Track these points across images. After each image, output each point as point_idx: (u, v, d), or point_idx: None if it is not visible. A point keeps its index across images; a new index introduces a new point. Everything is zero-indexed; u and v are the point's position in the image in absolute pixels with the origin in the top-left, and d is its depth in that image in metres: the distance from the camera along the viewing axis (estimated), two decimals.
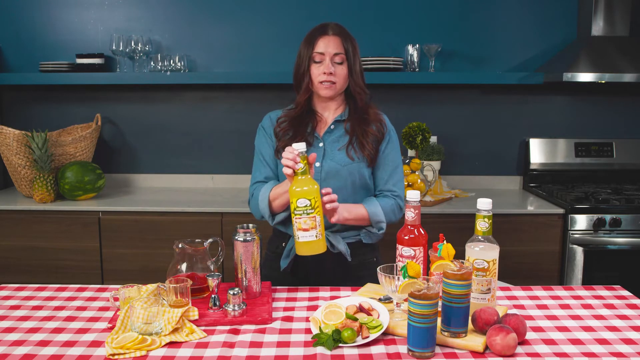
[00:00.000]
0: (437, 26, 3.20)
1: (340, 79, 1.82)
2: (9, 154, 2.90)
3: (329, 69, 1.80)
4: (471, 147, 3.31)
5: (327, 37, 1.82)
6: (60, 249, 2.80)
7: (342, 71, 1.82)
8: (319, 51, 1.81)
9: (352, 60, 1.83)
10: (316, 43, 1.82)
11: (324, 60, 1.81)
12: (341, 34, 1.83)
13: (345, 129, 1.88)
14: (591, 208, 2.74)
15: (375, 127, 1.87)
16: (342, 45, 1.82)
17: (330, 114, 1.91)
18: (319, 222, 1.58)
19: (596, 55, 2.93)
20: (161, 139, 3.33)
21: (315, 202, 1.57)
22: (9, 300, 1.67)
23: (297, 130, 1.86)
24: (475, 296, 1.46)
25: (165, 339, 1.39)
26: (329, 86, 1.82)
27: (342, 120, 1.89)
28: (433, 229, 1.67)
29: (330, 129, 1.89)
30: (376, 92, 3.24)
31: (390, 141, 1.91)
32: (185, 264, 1.66)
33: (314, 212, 1.56)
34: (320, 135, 1.88)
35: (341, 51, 1.81)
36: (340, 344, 1.36)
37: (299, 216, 1.57)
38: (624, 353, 1.34)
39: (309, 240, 1.58)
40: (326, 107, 1.91)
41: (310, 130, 1.87)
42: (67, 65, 3.12)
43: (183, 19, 3.23)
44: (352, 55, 1.83)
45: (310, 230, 1.57)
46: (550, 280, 2.77)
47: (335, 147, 1.86)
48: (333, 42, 1.81)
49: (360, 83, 1.86)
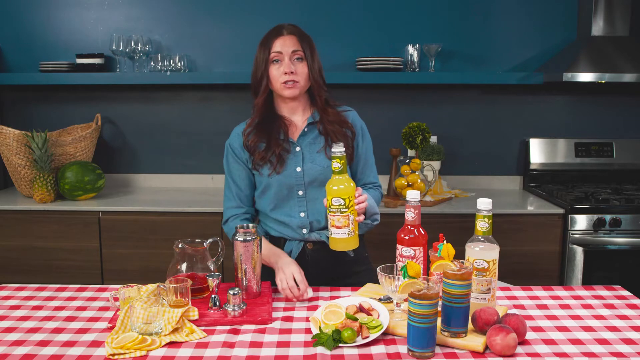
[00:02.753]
0: (437, 26, 3.20)
1: (302, 77, 1.81)
2: (9, 154, 2.90)
3: (290, 68, 1.78)
4: (471, 147, 3.31)
5: (283, 37, 1.81)
6: (60, 249, 2.80)
7: (303, 69, 1.81)
8: (277, 50, 1.80)
9: (310, 58, 1.81)
10: (273, 44, 1.81)
11: (283, 60, 1.79)
12: (297, 33, 1.83)
13: (319, 130, 1.87)
14: (591, 208, 2.74)
15: (345, 128, 1.86)
16: (299, 43, 1.81)
17: (299, 117, 1.89)
18: (352, 220, 1.60)
19: (596, 55, 2.93)
20: (161, 139, 3.33)
21: (350, 202, 1.59)
22: (9, 300, 1.67)
23: (270, 137, 1.83)
24: (475, 296, 1.46)
25: (165, 339, 1.39)
26: (292, 85, 1.79)
27: (314, 122, 1.88)
28: (433, 229, 1.67)
29: (304, 132, 1.87)
30: (376, 92, 3.29)
31: (364, 135, 1.92)
32: (185, 264, 1.66)
33: (347, 210, 1.59)
34: (295, 140, 1.86)
35: (299, 48, 1.80)
36: (340, 344, 1.36)
37: (333, 214, 1.59)
38: (624, 353, 1.34)
39: (341, 237, 1.61)
40: (292, 110, 1.89)
41: (284, 136, 1.85)
42: (67, 65, 3.12)
43: (183, 19, 3.23)
44: (309, 53, 1.81)
45: (343, 227, 1.60)
46: (550, 280, 2.77)
47: (313, 150, 1.85)
48: (289, 40, 1.80)
49: (319, 81, 1.84)
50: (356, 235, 1.63)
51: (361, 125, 1.93)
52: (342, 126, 1.86)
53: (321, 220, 1.86)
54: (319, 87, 1.85)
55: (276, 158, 1.81)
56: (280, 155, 1.81)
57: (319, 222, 1.86)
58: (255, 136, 1.84)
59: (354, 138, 1.88)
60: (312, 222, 1.85)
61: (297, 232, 1.86)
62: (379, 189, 1.96)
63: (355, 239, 1.63)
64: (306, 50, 1.81)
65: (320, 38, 3.19)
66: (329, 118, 1.85)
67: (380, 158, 3.19)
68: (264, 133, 1.84)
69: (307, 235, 1.86)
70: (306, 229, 1.85)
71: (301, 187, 1.84)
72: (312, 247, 1.87)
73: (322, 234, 1.86)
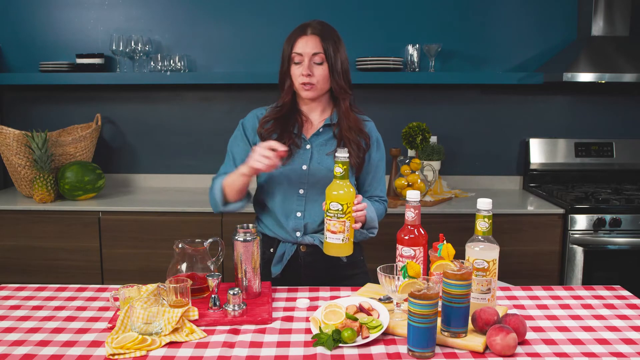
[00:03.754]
0: (437, 26, 3.20)
1: (320, 80, 1.78)
2: (9, 154, 2.90)
3: (307, 71, 1.76)
4: (471, 147, 3.31)
5: (306, 37, 1.78)
6: (60, 249, 2.80)
7: (322, 72, 1.78)
8: (297, 52, 1.78)
9: (332, 59, 1.77)
10: (295, 43, 1.78)
11: (303, 61, 1.77)
12: (321, 33, 1.78)
13: (334, 133, 1.85)
14: (591, 208, 2.74)
15: (360, 137, 1.84)
16: (322, 44, 1.77)
17: (317, 116, 1.88)
18: (348, 227, 1.59)
19: (596, 55, 2.93)
20: (161, 139, 3.33)
21: (347, 208, 1.57)
22: (9, 300, 1.67)
23: (283, 130, 1.82)
24: (475, 296, 1.46)
25: (165, 339, 1.39)
26: (309, 88, 1.78)
27: (331, 124, 1.86)
28: (433, 229, 1.67)
29: (318, 131, 1.86)
30: (376, 92, 3.29)
31: (379, 148, 1.90)
32: (185, 264, 1.66)
33: (344, 217, 1.57)
34: (307, 137, 1.85)
35: (320, 51, 1.76)
36: (340, 344, 1.36)
37: (330, 218, 1.58)
38: (624, 353, 1.34)
39: (335, 242, 1.59)
40: (311, 109, 1.88)
41: (297, 131, 1.84)
42: (67, 65, 3.12)
43: (183, 19, 3.23)
44: (332, 54, 1.77)
45: (338, 233, 1.58)
46: (550, 280, 2.77)
47: (323, 151, 1.84)
48: (312, 42, 1.77)
49: (342, 84, 1.80)
50: (351, 242, 1.62)
51: (377, 137, 1.91)
52: (359, 135, 1.83)
53: (317, 223, 1.85)
54: (341, 90, 1.81)
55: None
56: (289, 147, 1.79)
57: (315, 224, 1.85)
58: (272, 126, 1.83)
59: (367, 149, 1.86)
60: (307, 224, 1.84)
61: (290, 235, 1.85)
62: (385, 203, 1.93)
63: (349, 246, 1.61)
64: (328, 52, 1.77)
65: None
66: (350, 124, 1.82)
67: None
68: (279, 125, 1.83)
69: (300, 238, 1.85)
70: (300, 231, 1.84)
71: (303, 185, 1.83)
72: (305, 250, 1.86)
73: (316, 238, 1.84)
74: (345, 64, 1.82)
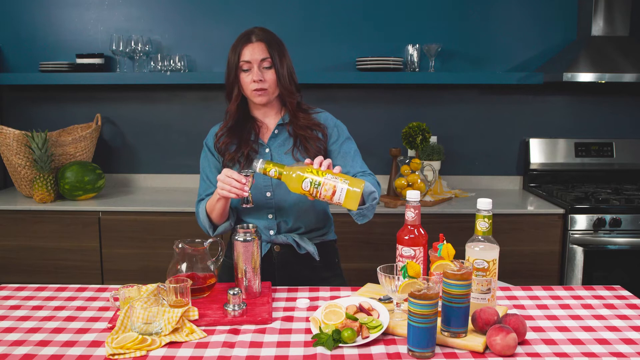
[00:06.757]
0: (437, 26, 3.20)
1: (271, 84, 1.82)
2: (9, 154, 2.90)
3: (258, 76, 1.79)
4: (471, 147, 3.31)
5: (252, 44, 1.81)
6: (60, 249, 2.80)
7: (272, 76, 1.81)
8: (245, 59, 1.80)
9: (278, 64, 1.81)
10: (242, 52, 1.81)
11: (252, 68, 1.80)
12: (265, 39, 1.82)
13: (289, 131, 1.88)
14: (591, 208, 2.74)
15: (315, 131, 1.86)
16: (268, 50, 1.81)
17: (271, 119, 1.91)
18: (333, 179, 1.55)
19: (596, 55, 2.93)
20: (161, 139, 3.33)
21: (316, 173, 1.55)
22: (9, 300, 1.67)
23: (240, 139, 1.85)
24: (475, 296, 1.46)
25: (165, 339, 1.39)
26: (262, 93, 1.81)
27: (284, 124, 1.89)
28: (433, 229, 1.67)
29: (274, 133, 1.89)
30: (376, 92, 3.29)
31: (340, 132, 1.90)
32: (185, 264, 1.66)
33: (320, 180, 1.55)
34: (265, 142, 1.88)
35: (267, 56, 1.80)
36: (340, 344, 1.36)
37: (318, 194, 1.56)
38: (624, 353, 1.34)
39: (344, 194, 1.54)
40: (265, 114, 1.91)
41: (254, 137, 1.87)
42: (67, 65, 3.12)
43: (183, 19, 3.23)
44: (278, 59, 1.81)
45: (335, 191, 1.54)
46: (550, 280, 2.77)
47: (281, 152, 1.86)
48: (258, 48, 1.80)
49: (288, 87, 1.84)
50: (351, 180, 1.56)
51: (335, 124, 1.91)
52: (313, 129, 1.86)
53: (289, 223, 1.86)
54: (288, 93, 1.85)
55: (244, 158, 1.83)
56: (248, 155, 1.83)
57: (287, 224, 1.86)
58: (227, 138, 1.87)
59: (326, 139, 1.88)
60: (280, 224, 1.86)
61: (264, 233, 1.87)
62: (371, 175, 1.89)
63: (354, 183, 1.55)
64: (274, 57, 1.81)
65: (320, 38, 3.23)
66: (299, 122, 1.86)
67: (380, 158, 3.23)
68: (235, 135, 1.87)
69: (274, 237, 1.86)
70: (273, 230, 1.86)
71: (269, 188, 1.84)
72: (279, 250, 1.88)
73: (289, 237, 1.86)
74: (291, 67, 1.87)
